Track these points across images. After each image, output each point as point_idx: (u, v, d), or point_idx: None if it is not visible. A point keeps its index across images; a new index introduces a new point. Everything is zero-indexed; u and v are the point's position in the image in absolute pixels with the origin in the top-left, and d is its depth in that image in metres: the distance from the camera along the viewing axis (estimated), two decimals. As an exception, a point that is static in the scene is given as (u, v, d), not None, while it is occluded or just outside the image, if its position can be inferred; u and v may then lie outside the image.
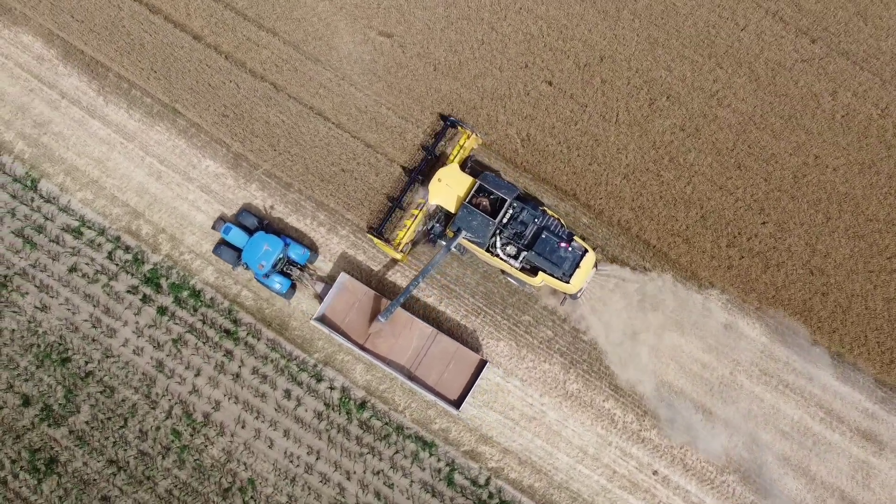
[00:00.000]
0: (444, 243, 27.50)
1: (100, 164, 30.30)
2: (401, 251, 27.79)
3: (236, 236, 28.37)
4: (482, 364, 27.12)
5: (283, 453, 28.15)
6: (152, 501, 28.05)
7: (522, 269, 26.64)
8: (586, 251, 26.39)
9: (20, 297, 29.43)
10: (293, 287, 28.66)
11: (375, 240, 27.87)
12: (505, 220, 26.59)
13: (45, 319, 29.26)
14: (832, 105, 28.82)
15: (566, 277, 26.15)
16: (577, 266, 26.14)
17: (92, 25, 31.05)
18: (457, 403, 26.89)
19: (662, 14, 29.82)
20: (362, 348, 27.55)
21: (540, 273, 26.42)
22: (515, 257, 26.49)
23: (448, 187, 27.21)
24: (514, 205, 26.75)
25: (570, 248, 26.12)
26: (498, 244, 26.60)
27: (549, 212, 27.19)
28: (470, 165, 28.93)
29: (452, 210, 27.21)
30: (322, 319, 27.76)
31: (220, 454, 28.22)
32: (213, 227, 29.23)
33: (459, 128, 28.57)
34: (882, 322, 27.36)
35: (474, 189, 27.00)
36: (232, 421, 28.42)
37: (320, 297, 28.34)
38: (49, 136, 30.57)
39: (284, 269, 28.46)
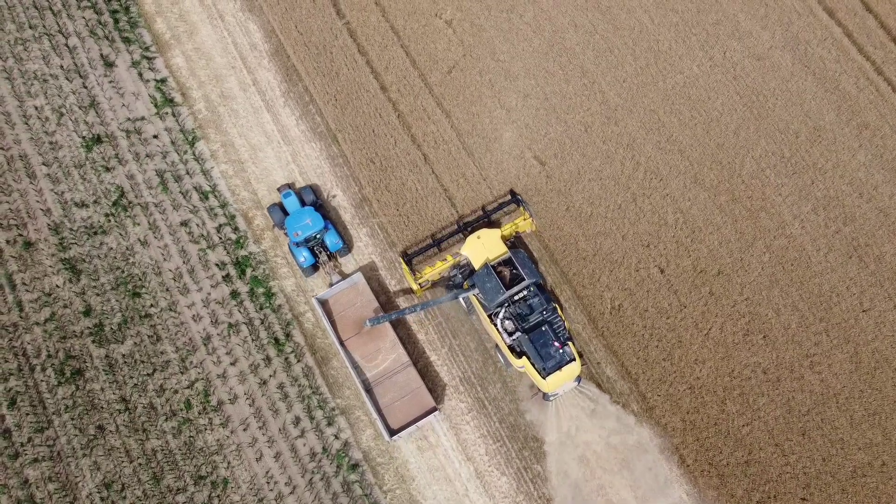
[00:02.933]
0: (456, 291, 28.94)
1: (252, 151, 33.33)
2: (419, 285, 29.50)
3: (291, 203, 31.02)
4: (433, 409, 28.02)
5: (265, 472, 28.84)
6: (136, 452, 29.26)
7: (510, 348, 27.50)
8: (574, 360, 26.93)
9: (132, 225, 32.29)
10: (315, 267, 30.70)
11: (404, 265, 29.64)
12: (516, 297, 27.61)
13: (140, 253, 31.87)
14: (921, 423, 27.93)
15: (544, 373, 26.76)
16: (560, 368, 26.73)
17: (307, 40, 34.80)
18: (393, 432, 27.79)
19: (794, 261, 30.19)
20: (341, 343, 29.10)
21: (524, 358, 27.21)
22: (510, 334, 27.46)
23: (482, 246, 28.95)
24: (531, 288, 27.75)
25: (561, 349, 26.82)
26: (500, 315, 27.65)
27: (560, 312, 27.90)
28: (512, 240, 30.43)
29: (476, 266, 28.74)
30: (323, 303, 29.72)
31: (213, 442, 29.25)
32: (278, 189, 31.83)
33: (521, 207, 30.21)
34: None
35: (503, 258, 28.43)
36: (238, 419, 29.54)
37: (331, 286, 30.33)
38: (226, 109, 34.04)
39: (315, 248, 30.54)
